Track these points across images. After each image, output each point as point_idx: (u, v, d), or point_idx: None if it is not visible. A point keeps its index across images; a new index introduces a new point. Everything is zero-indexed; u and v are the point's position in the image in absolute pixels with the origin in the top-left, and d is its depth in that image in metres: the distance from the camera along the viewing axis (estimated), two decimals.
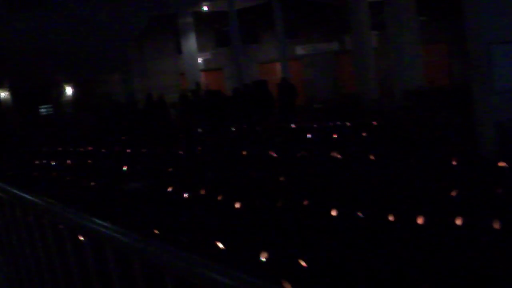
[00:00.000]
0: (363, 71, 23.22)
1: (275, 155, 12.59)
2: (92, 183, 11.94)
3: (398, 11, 18.25)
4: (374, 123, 15.99)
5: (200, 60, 26.14)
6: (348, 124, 16.60)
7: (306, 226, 7.83)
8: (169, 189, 10.10)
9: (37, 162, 17.55)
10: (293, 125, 16.76)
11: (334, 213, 7.90)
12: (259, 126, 15.55)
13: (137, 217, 9.00)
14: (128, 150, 16.38)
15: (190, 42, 24.30)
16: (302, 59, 28.03)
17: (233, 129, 17.57)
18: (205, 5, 24.66)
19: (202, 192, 9.57)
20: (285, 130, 15.95)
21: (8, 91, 25.69)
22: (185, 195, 9.53)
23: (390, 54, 19.78)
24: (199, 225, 8.18)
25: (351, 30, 23.54)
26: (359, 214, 7.61)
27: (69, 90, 25.63)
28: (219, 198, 9.96)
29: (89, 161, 15.06)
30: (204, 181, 11.02)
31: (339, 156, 11.66)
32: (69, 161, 15.84)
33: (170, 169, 11.95)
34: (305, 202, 8.56)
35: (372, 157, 11.12)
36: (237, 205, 8.61)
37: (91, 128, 20.94)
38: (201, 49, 26.23)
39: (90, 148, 18.44)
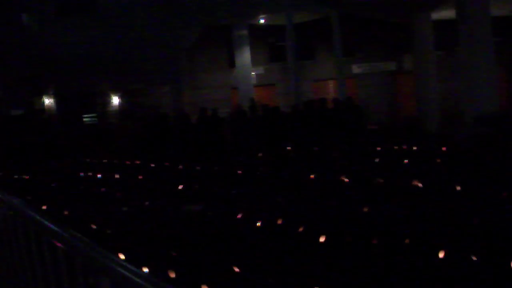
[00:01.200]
0: (424, 93, 22.01)
1: (346, 180, 11.42)
2: (146, 203, 10.89)
3: (473, 29, 16.95)
4: (444, 149, 14.84)
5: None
6: (414, 148, 15.48)
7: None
8: (239, 216, 8.98)
9: (81, 174, 16.59)
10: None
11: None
12: (328, 148, 14.43)
13: (201, 247, 7.90)
14: (180, 167, 15.35)
15: (244, 56, 23.32)
16: (358, 78, 26.84)
17: (289, 148, 16.49)
18: (262, 18, 23.69)
19: (278, 221, 8.42)
20: (351, 153, 14.82)
21: (53, 97, 25.00)
22: (258, 223, 8.40)
23: (460, 75, 18.52)
24: (280, 264, 7.02)
25: (413, 50, 22.43)
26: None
27: (115, 100, 24.82)
28: (300, 229, 8.82)
29: (140, 176, 14.01)
30: (275, 207, 9.88)
31: (419, 185, 10.45)
32: (117, 176, 14.83)
33: (233, 191, 10.83)
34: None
35: (457, 188, 9.88)
36: (322, 239, 7.43)
37: (137, 139, 20.01)
38: (254, 63, 25.24)
39: (137, 162, 17.47)
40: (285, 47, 25.53)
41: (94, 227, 8.55)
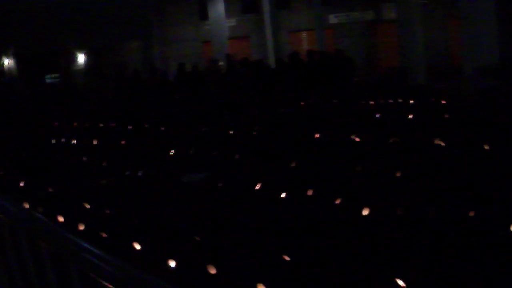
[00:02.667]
0: (409, 43, 20.97)
1: (357, 139, 10.38)
2: (139, 173, 9.67)
3: None
4: (443, 102, 13.93)
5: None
6: (411, 102, 14.52)
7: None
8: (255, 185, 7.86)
9: (53, 141, 15.14)
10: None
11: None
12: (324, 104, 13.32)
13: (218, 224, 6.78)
14: (162, 128, 14.07)
15: (218, 7, 21.86)
16: (335, 29, 25.63)
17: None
18: None
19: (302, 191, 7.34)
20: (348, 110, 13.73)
21: (13, 58, 23.21)
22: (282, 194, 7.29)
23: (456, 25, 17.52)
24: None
25: None
26: None
27: (80, 59, 23.19)
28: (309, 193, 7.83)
29: (122, 141, 12.70)
30: (286, 173, 8.80)
31: (442, 144, 9.46)
32: (95, 141, 13.46)
33: (237, 156, 9.68)
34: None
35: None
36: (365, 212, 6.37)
37: (108, 99, 18.58)
38: (226, 15, 23.84)
39: (112, 124, 16.07)
40: None
41: (87, 206, 7.35)
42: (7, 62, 23.20)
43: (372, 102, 14.25)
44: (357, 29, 25.82)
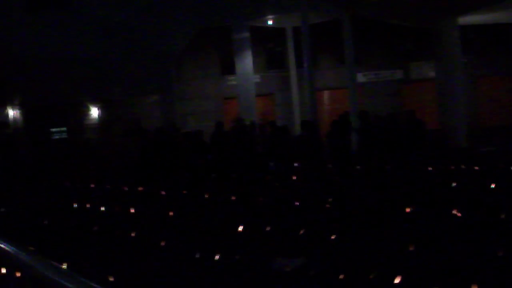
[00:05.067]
0: (449, 103, 19.71)
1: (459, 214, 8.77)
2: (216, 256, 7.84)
3: None
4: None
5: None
6: (476, 168, 13.20)
7: None
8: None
9: (75, 204, 13.18)
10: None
11: None
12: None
13: None
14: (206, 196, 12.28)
15: (246, 61, 20.35)
16: (362, 88, 24.33)
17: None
18: (268, 19, 20.78)
19: None
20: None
21: (19, 109, 21.42)
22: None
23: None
24: None
25: (437, 56, 20.19)
26: None
27: (92, 112, 21.47)
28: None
29: (170, 212, 10.86)
30: None
31: None
32: (132, 210, 11.59)
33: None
34: None
35: None
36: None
37: (133, 159, 16.77)
38: None
39: (140, 188, 14.23)
40: (284, 52, 22.92)
41: None
42: (12, 112, 21.44)
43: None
44: (386, 88, 24.57)
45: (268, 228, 9.00)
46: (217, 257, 7.88)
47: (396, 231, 8.62)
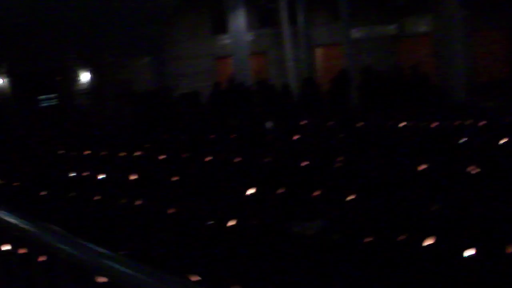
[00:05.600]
0: (448, 58, 19.24)
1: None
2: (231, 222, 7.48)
3: None
4: None
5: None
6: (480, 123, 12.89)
7: None
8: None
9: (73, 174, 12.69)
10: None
11: None
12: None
13: None
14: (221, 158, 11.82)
15: (238, 19, 19.76)
16: (355, 43, 23.85)
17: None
18: None
19: None
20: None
21: (6, 76, 20.76)
22: None
23: None
24: None
25: (434, 9, 19.66)
26: None
27: (83, 76, 20.83)
28: None
29: (174, 177, 10.43)
30: None
31: None
32: (134, 176, 11.14)
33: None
34: None
35: None
36: None
37: (126, 123, 16.29)
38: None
39: (138, 153, 13.74)
40: (276, 10, 22.37)
41: None
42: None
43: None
44: (380, 44, 24.11)
45: (280, 191, 8.65)
46: (231, 223, 7.55)
47: (413, 191, 8.33)
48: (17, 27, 18.91)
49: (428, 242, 6.33)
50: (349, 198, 7.97)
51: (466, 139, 10.92)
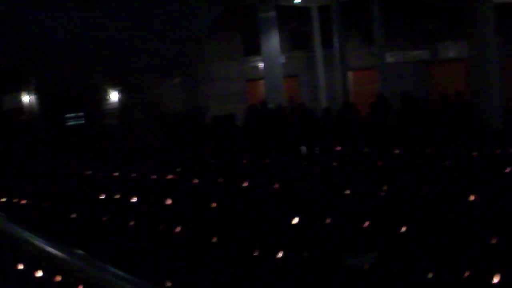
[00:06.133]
0: (484, 84, 18.83)
1: None
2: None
3: None
4: None
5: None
6: None
7: None
8: None
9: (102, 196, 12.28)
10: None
11: None
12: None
13: None
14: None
15: (272, 41, 19.50)
16: (389, 68, 23.54)
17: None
18: None
19: None
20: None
21: (34, 94, 20.62)
22: None
23: None
24: None
25: (471, 35, 19.32)
26: None
27: (112, 96, 20.61)
28: None
29: (213, 203, 10.01)
30: None
31: None
32: (168, 201, 10.71)
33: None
34: None
35: None
36: None
37: (157, 145, 15.98)
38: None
39: (169, 176, 13.31)
40: (309, 32, 22.14)
41: None
42: (28, 98, 20.66)
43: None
44: (413, 69, 23.80)
45: (327, 221, 8.22)
46: (279, 254, 7.13)
47: (467, 222, 7.87)
48: (48, 45, 18.79)
49: (496, 279, 5.91)
50: (402, 229, 7.54)
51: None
